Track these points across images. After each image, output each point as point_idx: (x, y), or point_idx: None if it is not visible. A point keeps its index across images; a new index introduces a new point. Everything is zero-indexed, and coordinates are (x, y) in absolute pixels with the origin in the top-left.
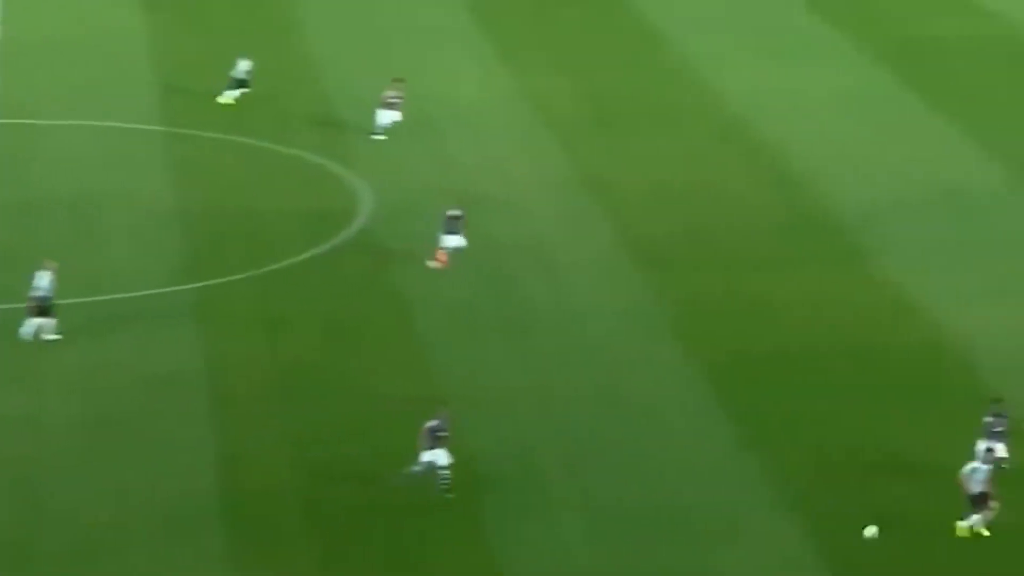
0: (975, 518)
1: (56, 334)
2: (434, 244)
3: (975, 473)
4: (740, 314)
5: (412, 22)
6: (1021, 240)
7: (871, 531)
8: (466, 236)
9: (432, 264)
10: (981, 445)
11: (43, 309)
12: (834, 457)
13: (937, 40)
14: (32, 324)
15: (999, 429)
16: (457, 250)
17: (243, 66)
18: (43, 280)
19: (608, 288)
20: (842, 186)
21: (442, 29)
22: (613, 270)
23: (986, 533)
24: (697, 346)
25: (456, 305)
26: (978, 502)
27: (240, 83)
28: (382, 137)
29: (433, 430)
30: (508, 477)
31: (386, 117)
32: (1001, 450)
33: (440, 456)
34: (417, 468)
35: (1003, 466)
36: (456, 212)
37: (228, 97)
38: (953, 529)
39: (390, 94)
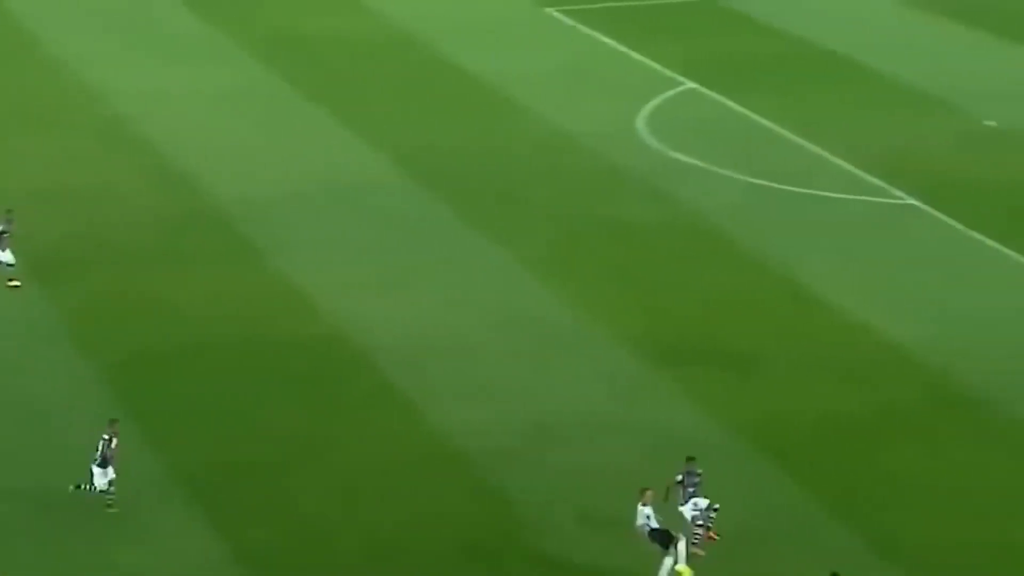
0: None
1: None
2: None
3: (649, 521)
4: (137, 313)
5: None
6: (409, 230)
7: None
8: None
9: None
10: (684, 508)
11: None
12: (237, 451)
13: (312, 36)
14: None
15: (692, 489)
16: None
17: None
18: None
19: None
20: (230, 182)
21: None
22: None
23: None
24: (94, 348)
25: None
26: (666, 539)
27: None
28: None
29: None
30: None
31: None
32: (703, 503)
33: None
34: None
35: (712, 516)
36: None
37: None
38: None
39: None
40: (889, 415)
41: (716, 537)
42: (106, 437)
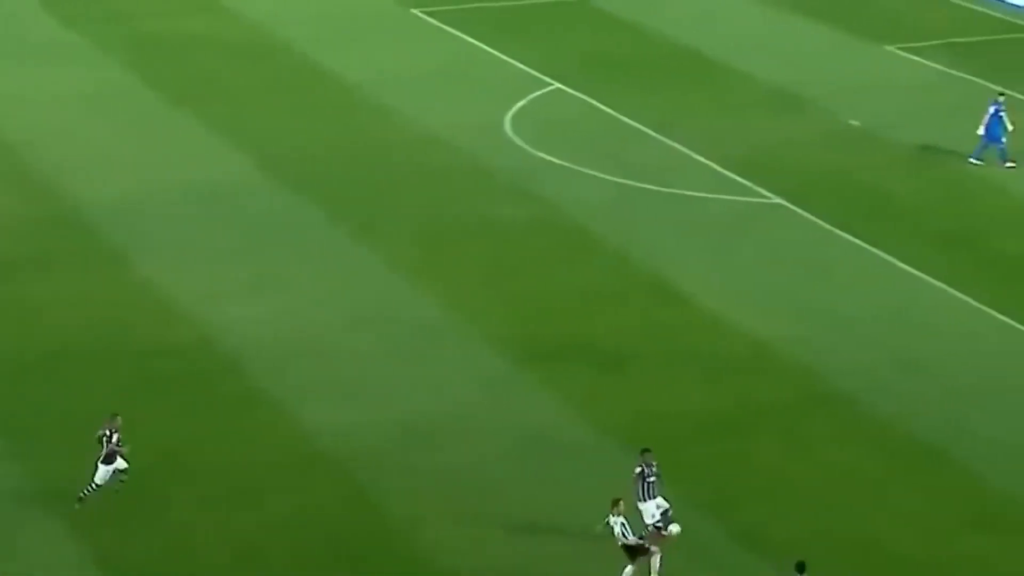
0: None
1: None
2: None
3: (625, 533)
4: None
5: None
6: (275, 232)
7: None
8: None
9: None
10: (646, 506)
11: None
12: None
13: (174, 39)
14: None
15: (652, 480)
16: None
17: None
18: None
19: None
20: (91, 186)
21: None
22: None
23: None
24: None
25: None
26: (637, 551)
27: None
28: None
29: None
30: None
31: None
32: (662, 503)
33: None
34: None
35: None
36: None
37: None
38: None
39: None
40: (756, 412)
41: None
42: (107, 433)
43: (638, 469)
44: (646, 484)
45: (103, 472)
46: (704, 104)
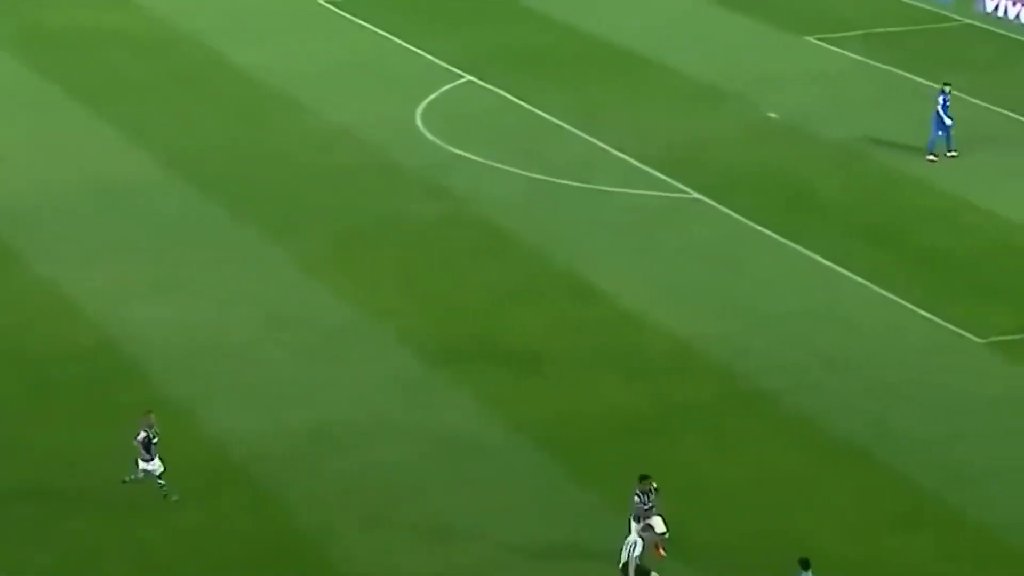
0: None
1: None
2: None
3: (635, 548)
4: None
5: None
6: (180, 231)
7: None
8: None
9: None
10: (637, 526)
11: None
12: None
13: (72, 31)
14: None
15: (649, 506)
16: None
17: None
18: None
19: None
20: None
21: None
22: None
23: None
24: None
25: None
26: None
27: None
28: None
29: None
30: None
31: None
32: (659, 525)
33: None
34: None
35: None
36: None
37: None
38: None
39: None
40: (676, 412)
41: (664, 554)
42: (145, 430)
43: (636, 498)
44: (640, 510)
45: (151, 465)
46: (623, 98)
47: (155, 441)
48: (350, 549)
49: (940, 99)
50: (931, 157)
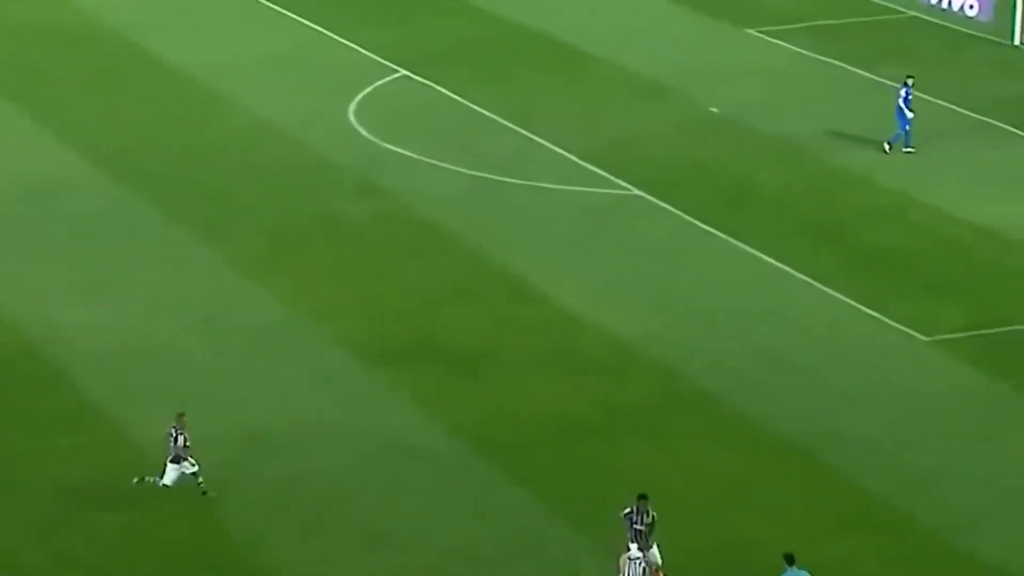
0: None
1: None
2: None
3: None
4: None
5: None
6: (108, 232)
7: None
8: None
9: None
10: (634, 546)
11: None
12: None
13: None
14: None
15: (641, 527)
16: None
17: None
18: None
19: None
20: None
21: None
22: None
23: None
24: None
25: None
26: None
27: None
28: None
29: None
30: None
31: None
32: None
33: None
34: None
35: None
36: None
37: None
38: None
39: None
40: (617, 413)
41: None
42: (173, 433)
43: (626, 510)
44: (634, 531)
45: (172, 473)
46: (560, 93)
47: (187, 445)
48: (285, 558)
49: (902, 92)
50: (909, 149)
